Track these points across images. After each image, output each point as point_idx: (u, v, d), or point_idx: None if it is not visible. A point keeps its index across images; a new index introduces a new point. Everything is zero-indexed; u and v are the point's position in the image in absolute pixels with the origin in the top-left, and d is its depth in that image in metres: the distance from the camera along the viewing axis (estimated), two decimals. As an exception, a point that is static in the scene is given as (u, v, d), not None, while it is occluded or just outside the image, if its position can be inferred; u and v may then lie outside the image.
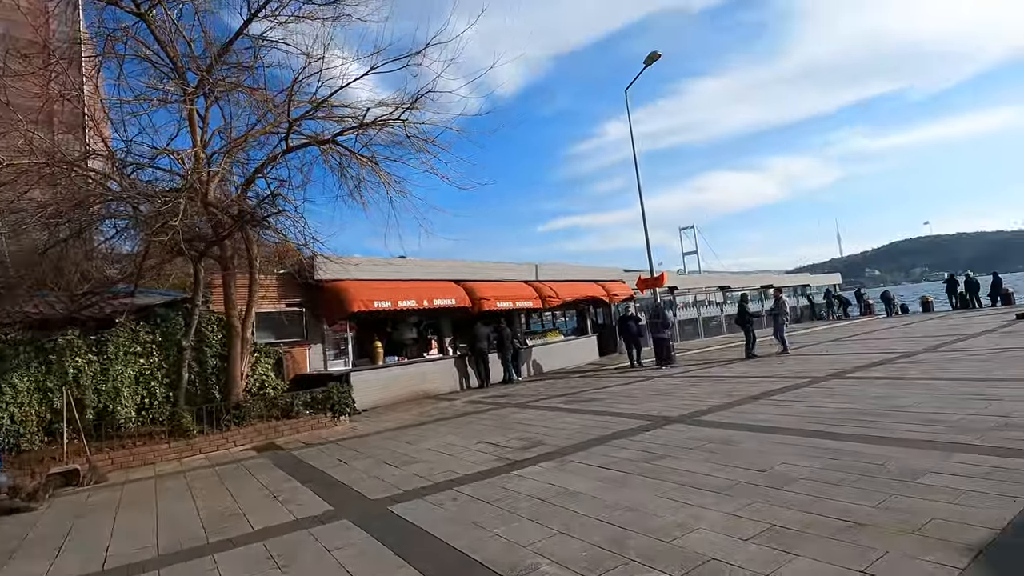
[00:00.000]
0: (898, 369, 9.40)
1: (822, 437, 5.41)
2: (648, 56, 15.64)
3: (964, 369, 8.64)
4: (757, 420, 6.55)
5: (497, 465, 5.78)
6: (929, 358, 10.36)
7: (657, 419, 7.28)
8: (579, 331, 19.95)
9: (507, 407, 10.13)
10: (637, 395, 9.81)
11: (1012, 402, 5.97)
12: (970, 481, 3.79)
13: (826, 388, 8.26)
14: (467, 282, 14.39)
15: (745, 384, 9.62)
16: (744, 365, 12.80)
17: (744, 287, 29.54)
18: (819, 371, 10.22)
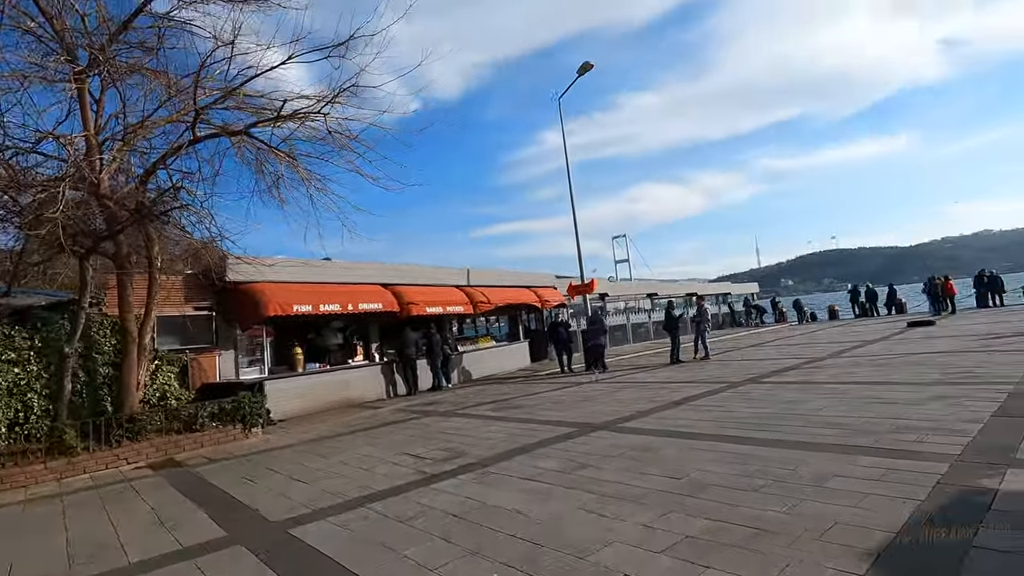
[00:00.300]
0: (807, 373, 9.91)
1: (737, 442, 5.52)
2: (581, 66, 15.88)
3: (865, 373, 9.23)
4: (677, 426, 6.63)
5: (415, 479, 5.49)
6: (835, 363, 11.02)
7: (582, 426, 7.24)
8: (511, 337, 19.89)
9: (433, 415, 9.82)
10: (565, 401, 9.79)
11: (904, 405, 6.37)
12: (870, 484, 3.93)
13: (743, 393, 8.55)
14: (396, 286, 13.94)
15: (668, 389, 9.82)
16: (669, 370, 13.14)
17: (671, 295, 30.64)
18: (737, 376, 10.62)
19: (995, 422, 5.22)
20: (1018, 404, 5.82)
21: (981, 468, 3.98)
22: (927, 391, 7.06)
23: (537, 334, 20.50)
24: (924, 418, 5.67)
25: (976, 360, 9.22)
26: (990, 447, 4.46)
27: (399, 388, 13.84)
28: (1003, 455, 4.21)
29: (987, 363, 8.79)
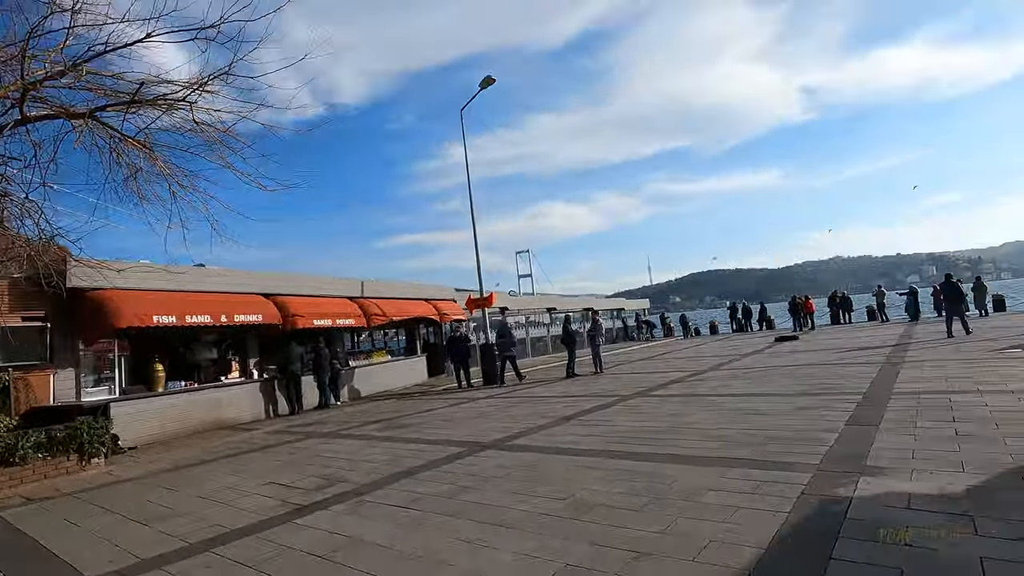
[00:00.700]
0: (691, 386, 10.39)
1: (623, 458, 5.51)
2: (483, 80, 15.87)
3: (741, 385, 9.83)
4: (566, 442, 6.55)
5: (279, 513, 4.88)
6: (715, 375, 11.69)
7: (471, 445, 6.94)
8: (408, 351, 19.23)
9: (314, 437, 9.05)
10: (457, 418, 9.45)
11: (774, 416, 6.77)
12: (742, 497, 4.00)
13: (631, 406, 8.73)
14: (280, 297, 12.89)
15: (562, 404, 9.83)
16: (564, 384, 13.26)
17: (569, 309, 31.46)
18: (627, 389, 10.90)
19: (848, 431, 5.64)
20: (866, 413, 6.37)
21: (838, 477, 4.21)
22: (792, 402, 7.59)
23: (436, 348, 20.01)
24: (790, 428, 6.03)
25: (831, 372, 10.16)
26: (845, 455, 4.77)
27: (281, 407, 12.73)
28: (855, 463, 4.50)
29: (840, 375, 9.71)
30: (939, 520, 3.23)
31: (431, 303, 18.67)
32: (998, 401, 6.24)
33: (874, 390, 7.82)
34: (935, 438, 5.00)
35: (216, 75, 6.93)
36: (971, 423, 5.38)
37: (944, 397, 6.78)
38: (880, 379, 8.75)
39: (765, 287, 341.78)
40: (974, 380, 7.75)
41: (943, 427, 5.36)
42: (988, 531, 3.04)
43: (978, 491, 3.63)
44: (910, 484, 3.89)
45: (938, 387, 7.54)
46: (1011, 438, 4.75)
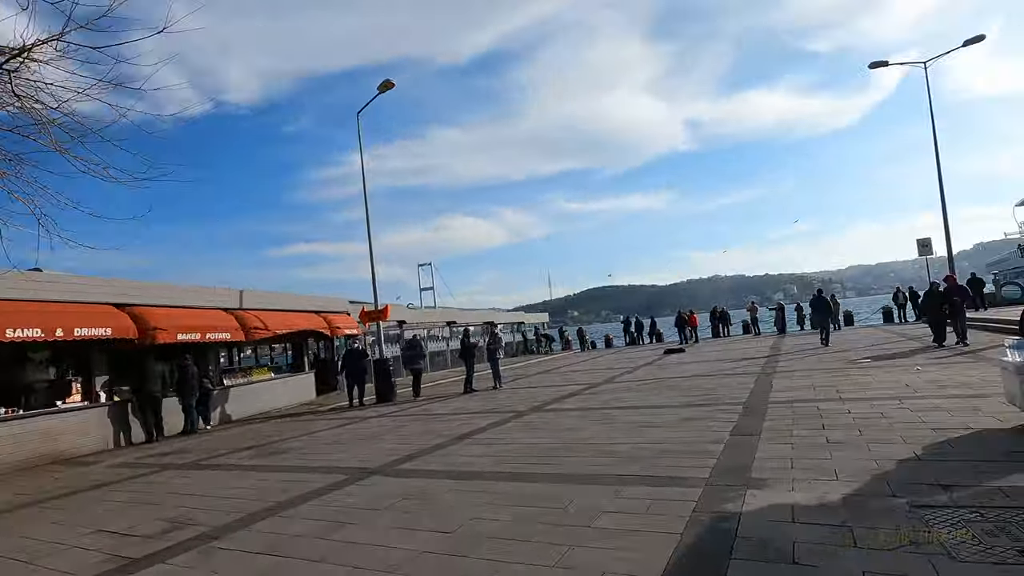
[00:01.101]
0: (586, 400, 10.43)
1: (517, 479, 5.21)
2: (382, 83, 15.24)
3: (633, 397, 10.00)
4: (459, 464, 6.14)
5: (103, 571, 3.99)
6: (609, 388, 11.88)
7: (356, 472, 6.31)
8: (295, 367, 17.80)
9: (171, 469, 7.86)
10: (343, 441, 8.69)
11: (664, 429, 6.85)
12: (636, 519, 3.83)
13: (528, 422, 8.52)
14: (136, 307, 11.28)
15: (458, 421, 9.41)
16: (462, 400, 12.84)
17: (469, 323, 31.15)
18: (525, 404, 10.72)
19: (733, 441, 5.78)
20: (747, 423, 6.62)
21: (726, 491, 4.19)
22: (680, 414, 7.77)
23: (326, 364, 18.75)
24: (679, 441, 6.08)
25: (715, 383, 10.68)
26: (731, 467, 4.82)
27: (136, 434, 11.09)
28: (741, 475, 4.54)
29: (723, 386, 10.21)
30: (823, 534, 3.24)
31: (322, 316, 17.47)
32: (858, 408, 6.76)
33: (753, 400, 8.24)
34: (810, 446, 5.22)
35: (48, 40, 5.81)
36: (839, 430, 5.72)
37: (813, 405, 7.25)
38: (757, 389, 9.28)
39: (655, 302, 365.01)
40: (836, 389, 8.43)
41: (815, 435, 5.64)
42: (866, 542, 3.08)
43: (853, 500, 3.73)
44: (792, 495, 3.94)
45: (807, 396, 8.09)
46: (873, 444, 5.07)
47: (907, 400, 6.95)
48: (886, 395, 7.46)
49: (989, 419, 5.52)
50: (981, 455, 4.40)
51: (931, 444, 4.86)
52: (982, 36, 16.71)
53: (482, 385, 14.96)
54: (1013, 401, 5.08)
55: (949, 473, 4.04)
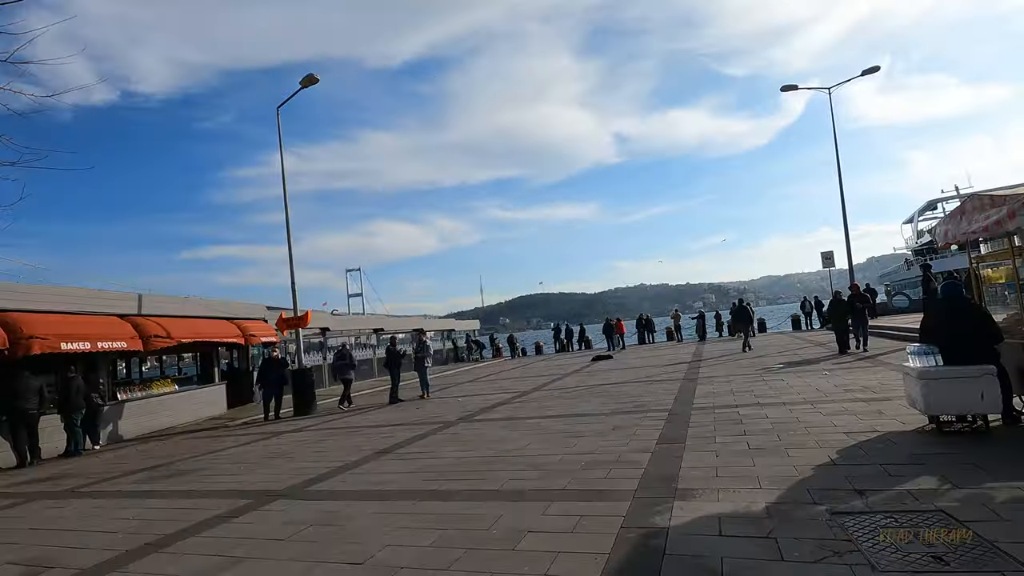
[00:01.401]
0: (515, 408, 10.22)
1: (439, 498, 4.89)
2: (305, 77, 14.44)
3: (562, 405, 9.91)
4: (378, 483, 5.72)
5: (-74, 633, 3.27)
6: (539, 396, 11.75)
7: (261, 495, 5.72)
8: (204, 379, 16.44)
9: (42, 498, 6.86)
10: (250, 460, 7.97)
11: (593, 438, 6.74)
12: (562, 539, 3.62)
13: (453, 434, 8.18)
14: (7, 313, 9.91)
15: (380, 435, 8.91)
16: (386, 411, 12.28)
17: (398, 330, 30.30)
18: (452, 414, 10.37)
19: (660, 450, 5.75)
20: (673, 430, 6.65)
21: (654, 504, 4.08)
22: (609, 421, 7.72)
23: (239, 374, 17.47)
24: (608, 450, 5.98)
25: (641, 390, 10.82)
26: (658, 478, 4.74)
27: (5, 458, 9.69)
28: (668, 486, 4.46)
29: (649, 392, 10.35)
30: (750, 548, 3.16)
31: (235, 323, 16.26)
32: (775, 413, 6.97)
33: (678, 406, 8.35)
34: (733, 453, 5.26)
35: None
36: (759, 436, 5.83)
37: (734, 411, 7.43)
38: (681, 396, 9.45)
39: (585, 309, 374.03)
40: (754, 394, 8.72)
41: (737, 441, 5.71)
42: (792, 554, 3.02)
43: (777, 509, 3.71)
44: (719, 506, 3.88)
45: (728, 401, 8.30)
46: (792, 449, 5.18)
47: (819, 404, 7.26)
48: (800, 400, 7.77)
49: (892, 422, 5.81)
50: (889, 458, 4.56)
51: (844, 448, 5.01)
52: (877, 67, 18.35)
53: (410, 395, 14.44)
54: (914, 405, 5.36)
55: (863, 478, 4.14)
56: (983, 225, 4.77)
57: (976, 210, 5.01)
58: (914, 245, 41.82)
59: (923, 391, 5.05)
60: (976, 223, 4.94)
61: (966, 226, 5.17)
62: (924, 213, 41.32)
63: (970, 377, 4.91)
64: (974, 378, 4.91)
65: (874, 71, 18.19)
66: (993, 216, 4.60)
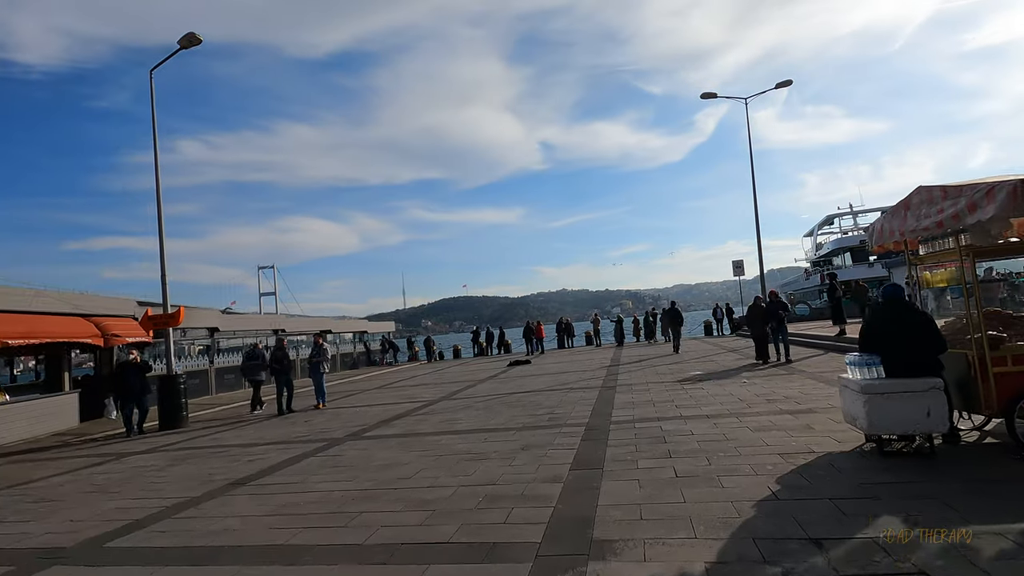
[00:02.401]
0: (416, 422, 9.00)
1: (279, 561, 3.61)
2: (184, 36, 12.41)
3: (469, 418, 8.80)
4: (206, 535, 4.31)
5: None
6: (445, 407, 10.57)
7: (29, 558, 4.15)
8: (48, 387, 13.80)
9: None
10: (61, 496, 6.19)
11: (497, 461, 5.70)
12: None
13: (335, 456, 6.84)
14: None
15: (245, 457, 7.38)
16: (269, 425, 10.62)
17: (303, 330, 27.99)
18: (343, 429, 8.98)
19: (573, 479, 4.79)
20: (589, 451, 5.74)
21: (562, 566, 3.07)
22: (518, 439, 6.72)
23: (97, 382, 14.89)
24: (513, 479, 4.95)
25: (557, 399, 9.94)
26: (571, 520, 3.75)
27: None
28: (582, 534, 3.48)
29: (565, 402, 9.49)
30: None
31: (93, 320, 13.79)
32: (700, 429, 6.26)
33: (595, 419, 7.51)
34: (658, 483, 4.39)
35: None
36: (686, 459, 5.04)
37: (656, 425, 6.66)
38: (599, 406, 8.66)
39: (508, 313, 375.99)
40: (675, 404, 8.06)
41: (663, 466, 4.88)
42: (750, 660, 2.09)
43: (720, 572, 2.82)
44: (645, 568, 2.94)
45: (649, 413, 7.57)
46: (724, 476, 4.39)
47: (744, 417, 6.65)
48: (724, 411, 7.16)
49: (826, 440, 5.21)
50: (837, 490, 3.84)
51: (783, 475, 4.28)
52: (790, 81, 18.95)
53: (303, 405, 12.78)
54: (854, 422, 4.76)
55: (814, 520, 3.36)
56: (937, 220, 4.23)
57: (925, 203, 4.48)
58: (813, 257, 44.79)
59: (866, 408, 4.43)
60: (927, 218, 4.40)
61: (913, 222, 4.64)
62: (823, 227, 44.38)
63: (916, 392, 4.34)
64: (920, 393, 4.34)
65: (787, 84, 18.77)
66: (949, 209, 4.05)
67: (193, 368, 18.14)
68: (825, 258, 42.15)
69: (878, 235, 5.37)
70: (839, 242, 40.10)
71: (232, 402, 15.96)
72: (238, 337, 22.14)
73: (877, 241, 5.46)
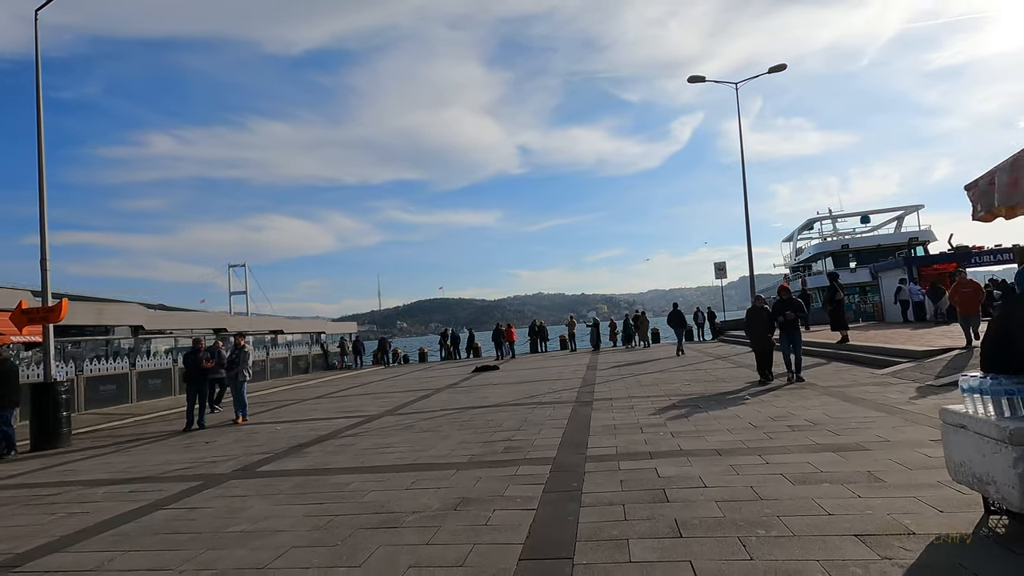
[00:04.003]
0: (335, 449, 6.96)
1: None
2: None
3: (404, 445, 6.79)
4: None
5: None
6: (382, 425, 8.54)
7: None
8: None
9: None
10: None
11: (413, 531, 3.71)
12: None
13: (189, 511, 4.76)
14: None
15: (76, 506, 5.24)
16: (161, 448, 8.45)
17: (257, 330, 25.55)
18: (241, 457, 6.90)
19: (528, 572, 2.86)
20: (554, 515, 3.81)
21: None
22: (456, 485, 4.76)
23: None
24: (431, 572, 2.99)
25: (520, 418, 8.01)
26: None
27: None
28: None
29: (529, 423, 7.56)
30: None
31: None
32: (712, 473, 4.40)
33: (566, 453, 5.59)
34: (670, 603, 2.49)
35: None
36: (701, 534, 3.16)
37: (649, 467, 4.77)
38: (572, 430, 6.75)
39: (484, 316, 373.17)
40: (670, 432, 6.20)
41: (668, 548, 2.99)
42: None
43: None
44: None
45: (636, 443, 5.70)
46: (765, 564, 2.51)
47: (770, 455, 4.81)
48: (737, 444, 5.32)
49: (917, 504, 3.38)
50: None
51: (891, 594, 2.41)
52: (784, 65, 17.47)
53: (220, 419, 10.60)
54: (984, 487, 2.91)
55: None
56: None
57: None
58: (792, 262, 43.85)
59: (1020, 469, 2.60)
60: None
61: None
62: (802, 232, 43.46)
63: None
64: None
65: (781, 68, 17.29)
66: None
67: (110, 371, 15.62)
68: (805, 263, 41.20)
69: (989, 199, 3.56)
70: (820, 247, 39.12)
71: (154, 411, 13.60)
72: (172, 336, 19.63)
73: (984, 208, 3.65)
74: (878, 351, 10.99)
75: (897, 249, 33.83)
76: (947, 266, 20.45)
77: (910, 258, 23.06)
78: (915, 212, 36.94)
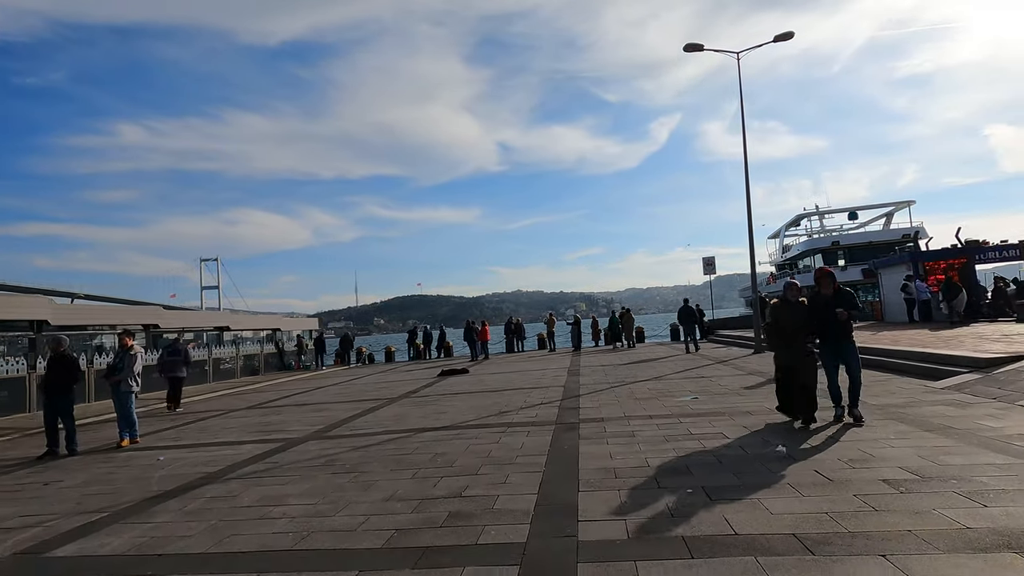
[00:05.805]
0: (202, 505, 4.68)
1: None
2: None
3: (300, 507, 4.57)
4: None
5: None
6: (295, 461, 6.27)
7: None
8: None
9: None
10: None
11: None
12: None
13: None
14: None
15: None
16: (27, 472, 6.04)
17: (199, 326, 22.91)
18: (60, 517, 4.60)
19: None
20: None
21: None
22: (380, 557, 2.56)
23: None
24: None
25: (482, 452, 5.83)
26: None
27: None
28: None
29: (492, 461, 5.39)
30: None
31: None
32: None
33: (543, 537, 3.43)
34: None
35: None
36: None
37: (684, 567, 2.64)
38: (553, 482, 4.60)
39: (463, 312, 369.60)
40: (703, 486, 4.09)
41: None
42: None
43: None
44: None
45: (657, 514, 3.57)
46: None
47: (897, 557, 2.72)
48: (823, 521, 3.22)
49: None
50: None
51: None
52: (791, 33, 15.63)
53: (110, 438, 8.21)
54: None
55: None
56: None
57: None
58: (779, 260, 42.57)
59: None
60: None
61: None
62: (789, 228, 42.20)
63: None
64: None
65: (787, 37, 15.44)
66: None
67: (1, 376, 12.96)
68: (792, 260, 39.90)
69: None
70: (810, 243, 37.79)
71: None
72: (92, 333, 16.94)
73: None
74: (922, 357, 9.08)
75: (889, 246, 32.58)
76: (956, 261, 18.90)
77: (916, 253, 21.44)
78: (906, 208, 35.84)
